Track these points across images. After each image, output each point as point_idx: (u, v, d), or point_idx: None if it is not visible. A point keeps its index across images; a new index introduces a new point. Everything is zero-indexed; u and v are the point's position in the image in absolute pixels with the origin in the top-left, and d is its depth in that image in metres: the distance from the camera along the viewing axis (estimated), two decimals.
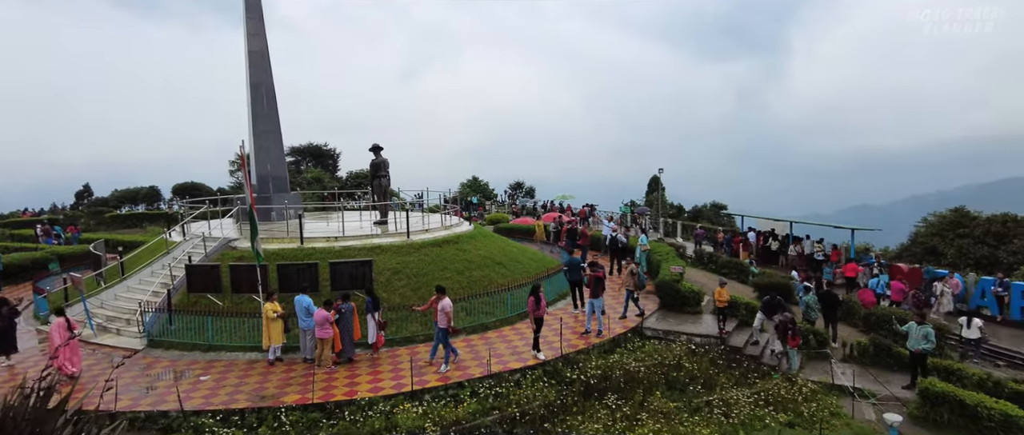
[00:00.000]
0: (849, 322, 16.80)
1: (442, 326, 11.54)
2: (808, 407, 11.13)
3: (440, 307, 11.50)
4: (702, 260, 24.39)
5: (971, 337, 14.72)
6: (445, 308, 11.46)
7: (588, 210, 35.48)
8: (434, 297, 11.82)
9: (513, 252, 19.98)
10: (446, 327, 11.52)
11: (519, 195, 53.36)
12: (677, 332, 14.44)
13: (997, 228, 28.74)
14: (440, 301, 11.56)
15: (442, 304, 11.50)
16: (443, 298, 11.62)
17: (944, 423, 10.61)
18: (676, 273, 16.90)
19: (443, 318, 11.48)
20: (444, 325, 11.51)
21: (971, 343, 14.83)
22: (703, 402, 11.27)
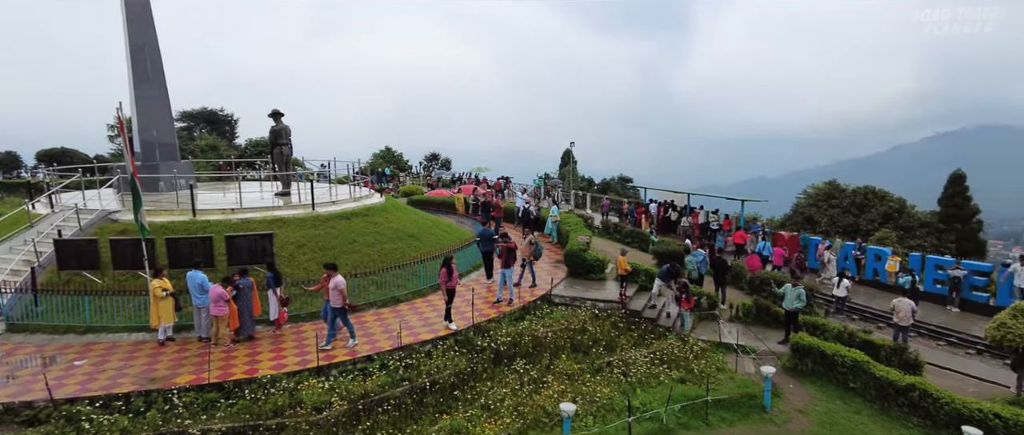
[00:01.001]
0: (737, 286, 18.41)
1: (337, 305, 10.96)
2: (698, 364, 12.17)
3: (332, 285, 10.92)
4: (608, 230, 25.52)
5: (840, 295, 16.78)
6: (338, 285, 10.90)
7: (503, 182, 35.80)
8: (325, 275, 11.18)
9: (427, 224, 19.81)
10: (341, 305, 10.98)
11: (434, 167, 52.73)
12: (583, 298, 15.11)
13: (859, 199, 32.53)
14: (332, 279, 10.96)
15: (334, 282, 10.92)
16: (335, 275, 11.01)
17: (808, 371, 12.04)
18: (583, 243, 17.59)
19: (337, 296, 10.91)
20: (338, 303, 10.94)
21: (838, 300, 16.89)
22: (605, 363, 11.97)
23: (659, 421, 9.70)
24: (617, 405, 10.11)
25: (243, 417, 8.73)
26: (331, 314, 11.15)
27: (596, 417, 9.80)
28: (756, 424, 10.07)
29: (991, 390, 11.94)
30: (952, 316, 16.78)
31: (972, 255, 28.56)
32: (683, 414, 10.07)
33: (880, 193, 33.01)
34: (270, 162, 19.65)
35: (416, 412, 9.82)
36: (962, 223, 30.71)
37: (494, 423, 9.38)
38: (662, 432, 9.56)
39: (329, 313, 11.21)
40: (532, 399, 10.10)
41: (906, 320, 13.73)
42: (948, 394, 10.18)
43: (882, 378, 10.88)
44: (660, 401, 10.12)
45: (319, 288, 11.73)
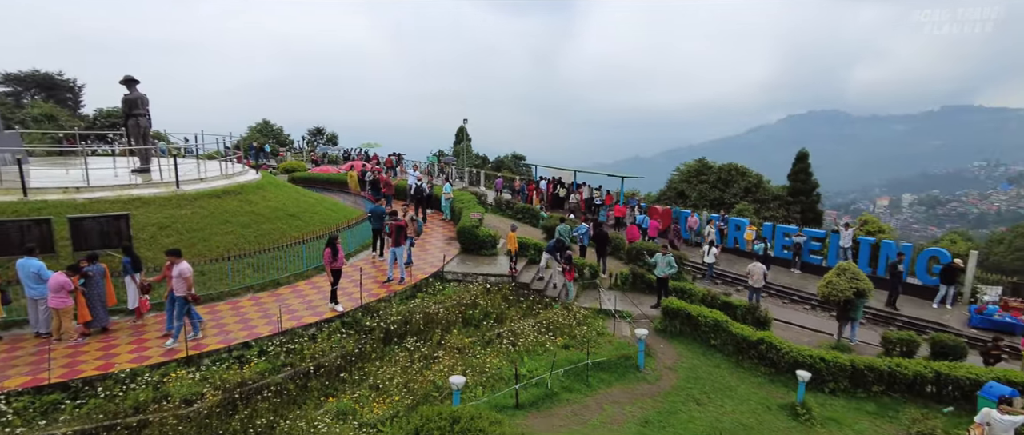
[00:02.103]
0: (616, 256, 19.67)
1: (180, 294, 9.77)
2: (581, 330, 12.90)
3: (175, 273, 9.74)
4: (501, 207, 25.97)
5: (709, 261, 18.61)
6: (183, 273, 9.75)
7: (395, 159, 34.88)
8: (167, 262, 9.95)
9: (310, 203, 18.82)
10: (185, 296, 9.82)
11: (319, 142, 49.99)
12: (475, 274, 15.32)
13: (724, 175, 35.90)
14: (175, 266, 9.78)
15: (178, 269, 9.75)
16: (179, 262, 9.82)
17: (677, 332, 13.26)
18: (475, 220, 17.76)
19: (181, 285, 9.73)
20: (182, 292, 9.76)
21: (708, 266, 18.73)
22: (495, 335, 12.29)
23: (544, 386, 10.20)
24: (506, 374, 10.45)
25: (96, 417, 7.85)
26: (178, 305, 9.89)
27: (486, 387, 10.07)
28: (631, 382, 10.95)
29: (821, 338, 13.98)
30: (795, 277, 19.29)
31: (812, 224, 32.84)
32: (567, 378, 10.67)
33: (741, 170, 36.65)
34: (125, 135, 17.40)
35: (300, 397, 9.46)
36: (806, 196, 35.11)
37: (383, 402, 9.31)
38: (547, 396, 10.06)
39: (173, 303, 9.94)
40: (422, 375, 10.14)
41: (759, 282, 15.59)
42: (788, 345, 11.74)
43: (737, 335, 12.28)
44: (545, 367, 10.62)
45: (161, 278, 10.37)
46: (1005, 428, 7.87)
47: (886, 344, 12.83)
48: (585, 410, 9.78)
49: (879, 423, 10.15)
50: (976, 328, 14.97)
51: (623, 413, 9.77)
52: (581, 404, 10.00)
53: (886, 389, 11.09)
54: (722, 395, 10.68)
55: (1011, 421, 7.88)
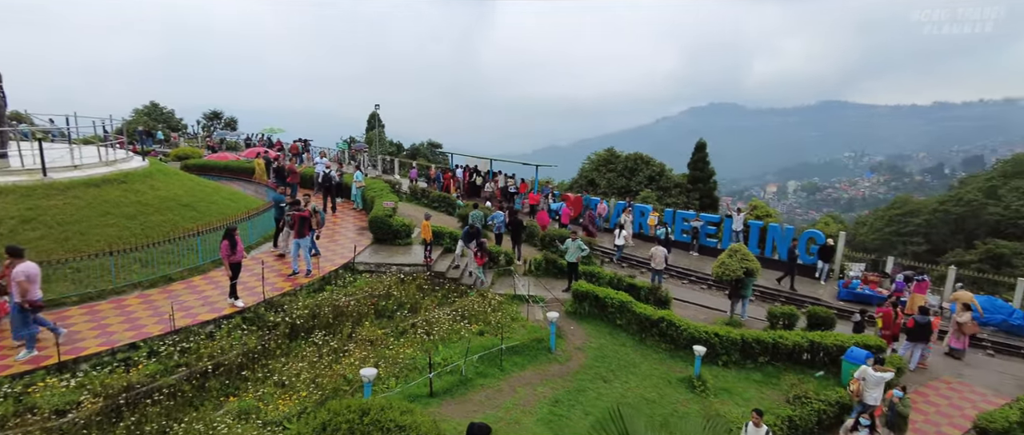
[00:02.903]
0: (531, 243, 20.08)
1: (17, 300, 8.50)
2: (495, 316, 13.07)
3: (12, 276, 8.47)
4: (416, 196, 25.57)
5: (619, 244, 19.64)
6: (19, 276, 8.42)
7: (301, 145, 33.17)
8: (7, 263, 8.69)
9: (206, 192, 17.49)
10: (23, 302, 8.50)
11: (217, 126, 46.47)
12: (388, 264, 15.02)
13: (631, 164, 37.65)
14: (13, 268, 8.49)
15: (17, 271, 8.45)
16: (18, 263, 8.54)
17: (586, 314, 13.82)
18: (388, 208, 17.38)
19: (19, 291, 8.44)
20: (18, 298, 8.48)
21: (618, 249, 19.69)
22: (409, 325, 12.16)
23: (459, 373, 10.26)
24: (420, 364, 10.39)
25: None
26: (16, 312, 8.66)
27: (399, 378, 9.96)
28: (543, 364, 11.28)
29: (715, 315, 15.12)
30: (693, 259, 20.69)
31: (709, 209, 35.32)
32: (481, 364, 10.79)
33: (646, 159, 38.62)
34: None
35: (197, 398, 8.86)
36: (704, 183, 37.68)
37: (289, 398, 8.94)
38: (462, 383, 10.13)
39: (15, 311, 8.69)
40: (332, 369, 9.84)
41: (660, 265, 16.56)
42: (686, 322, 12.60)
43: (641, 314, 13.00)
44: (460, 354, 10.67)
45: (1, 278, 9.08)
46: (877, 382, 9.49)
47: (771, 318, 14.13)
48: (499, 394, 9.97)
49: (764, 390, 11.21)
50: (843, 300, 16.89)
51: (535, 394, 10.06)
52: (495, 388, 10.17)
53: (771, 359, 12.25)
54: (627, 372, 11.30)
55: (881, 376, 9.51)
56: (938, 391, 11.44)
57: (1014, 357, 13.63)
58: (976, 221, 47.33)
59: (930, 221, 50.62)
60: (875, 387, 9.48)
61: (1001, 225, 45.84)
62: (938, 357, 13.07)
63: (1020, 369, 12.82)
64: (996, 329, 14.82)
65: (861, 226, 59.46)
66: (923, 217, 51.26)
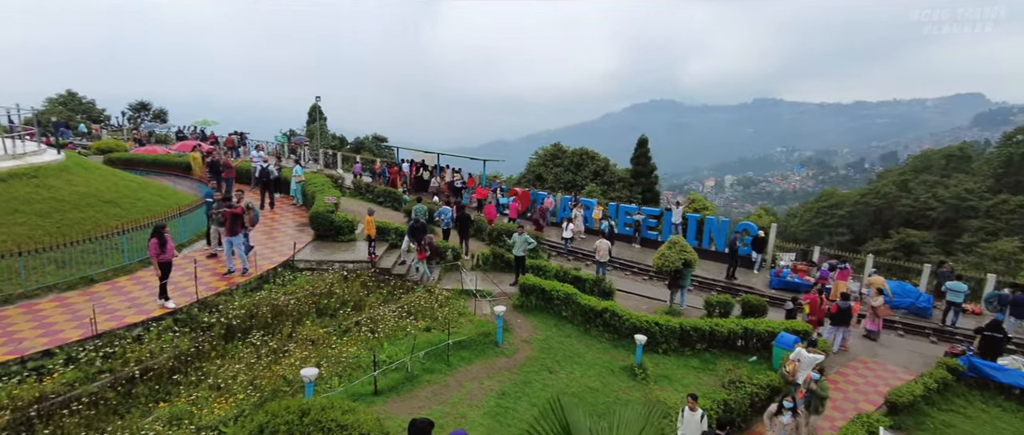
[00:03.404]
0: (479, 238, 20.08)
1: None
2: (442, 312, 12.98)
3: None
4: (361, 191, 25.01)
5: (567, 236, 20.21)
6: None
7: (236, 139, 31.71)
8: None
9: (131, 188, 16.45)
10: None
11: (144, 118, 43.70)
12: (331, 261, 14.63)
13: (577, 159, 38.28)
14: None
15: None
16: None
17: (532, 306, 13.97)
18: (330, 204, 16.92)
19: None
20: None
21: (566, 241, 20.06)
22: (353, 323, 11.91)
23: (405, 370, 10.15)
24: (364, 362, 10.21)
25: None
26: None
27: (342, 377, 9.75)
28: (490, 358, 11.33)
29: (656, 305, 15.64)
30: (635, 251, 21.30)
31: (651, 203, 36.42)
32: (428, 360, 10.72)
33: (591, 154, 39.36)
34: None
35: (122, 406, 8.35)
36: (646, 177, 38.81)
37: (225, 402, 8.57)
38: (408, 379, 10.03)
39: None
40: (271, 370, 9.51)
41: (604, 257, 16.95)
42: (628, 312, 12.97)
43: (585, 305, 13.28)
44: (406, 351, 10.56)
45: None
46: (810, 363, 10.05)
47: (708, 307, 14.76)
48: (445, 389, 9.94)
49: (701, 376, 11.70)
50: (775, 289, 17.86)
51: (482, 388, 10.10)
52: (442, 384, 10.13)
53: (707, 346, 12.80)
54: (572, 362, 11.52)
55: (813, 358, 10.13)
56: (856, 371, 12.32)
57: (920, 337, 14.84)
58: (891, 212, 51.11)
59: (852, 213, 54.24)
60: (808, 367, 10.08)
61: (912, 216, 49.71)
62: (857, 339, 14.05)
63: (926, 348, 13.97)
64: (906, 311, 16.09)
65: (792, 218, 63.02)
66: (846, 209, 54.85)
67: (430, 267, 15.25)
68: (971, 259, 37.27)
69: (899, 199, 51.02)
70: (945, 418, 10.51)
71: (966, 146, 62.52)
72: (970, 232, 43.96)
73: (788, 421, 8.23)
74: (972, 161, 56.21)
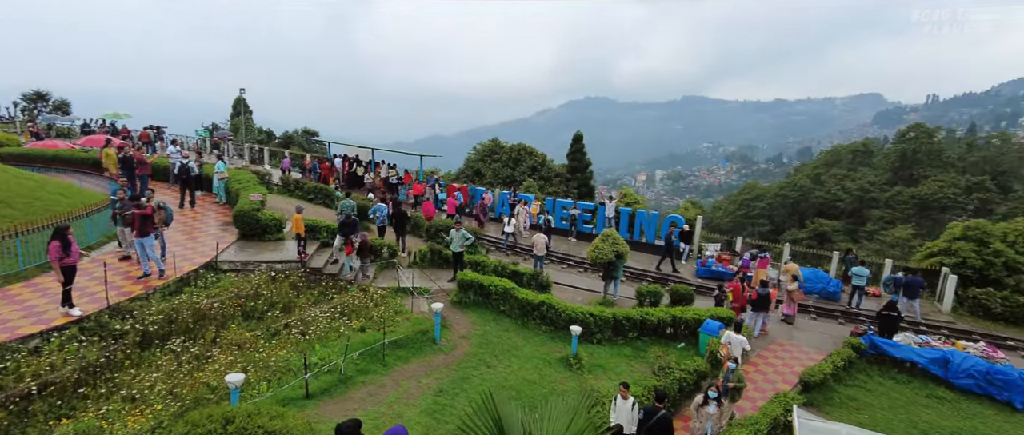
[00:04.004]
0: (416, 234, 19.82)
1: None
2: (378, 311, 12.73)
3: None
4: (290, 187, 24.03)
5: (509, 231, 20.45)
6: None
7: (152, 133, 29.57)
8: None
9: (28, 186, 15.00)
10: None
11: (42, 110, 39.90)
12: (257, 261, 13.98)
13: (515, 155, 38.52)
14: None
15: None
16: None
17: (471, 302, 13.96)
18: (256, 201, 16.14)
19: None
20: None
21: (508, 235, 20.38)
22: (282, 325, 11.44)
23: (338, 372, 9.87)
24: (294, 365, 9.84)
25: None
26: None
27: (271, 381, 9.35)
28: (428, 355, 11.23)
29: (591, 296, 16.05)
30: (571, 245, 21.74)
31: (586, 197, 37.27)
32: (362, 360, 10.48)
33: (529, 150, 39.73)
34: None
35: (15, 426, 7.61)
36: (581, 172, 39.65)
37: (140, 414, 8.01)
38: (341, 381, 9.76)
39: None
40: (192, 377, 8.98)
41: (542, 251, 17.18)
42: (564, 304, 13.22)
43: (523, 299, 13.41)
44: (339, 353, 10.27)
45: None
46: (739, 344, 11.08)
47: (639, 296, 15.29)
48: (381, 389, 9.76)
49: (634, 363, 12.13)
50: (701, 278, 18.77)
51: (419, 386, 9.99)
52: (377, 384, 9.94)
53: (639, 334, 13.28)
54: (510, 356, 11.62)
55: (741, 340, 11.12)
56: (775, 353, 13.18)
57: (830, 319, 16.08)
58: (806, 204, 54.98)
59: (772, 204, 57.86)
60: (738, 349, 11.01)
61: (824, 207, 53.71)
62: (775, 324, 15.03)
63: (835, 329, 15.16)
64: (818, 296, 17.38)
65: (717, 210, 66.38)
66: (766, 201, 58.45)
67: (365, 266, 14.90)
68: (873, 246, 40.74)
69: (813, 191, 54.92)
70: (850, 393, 11.46)
71: (868, 142, 68.23)
72: (872, 221, 48.04)
73: (714, 411, 8.69)
74: (873, 156, 61.40)
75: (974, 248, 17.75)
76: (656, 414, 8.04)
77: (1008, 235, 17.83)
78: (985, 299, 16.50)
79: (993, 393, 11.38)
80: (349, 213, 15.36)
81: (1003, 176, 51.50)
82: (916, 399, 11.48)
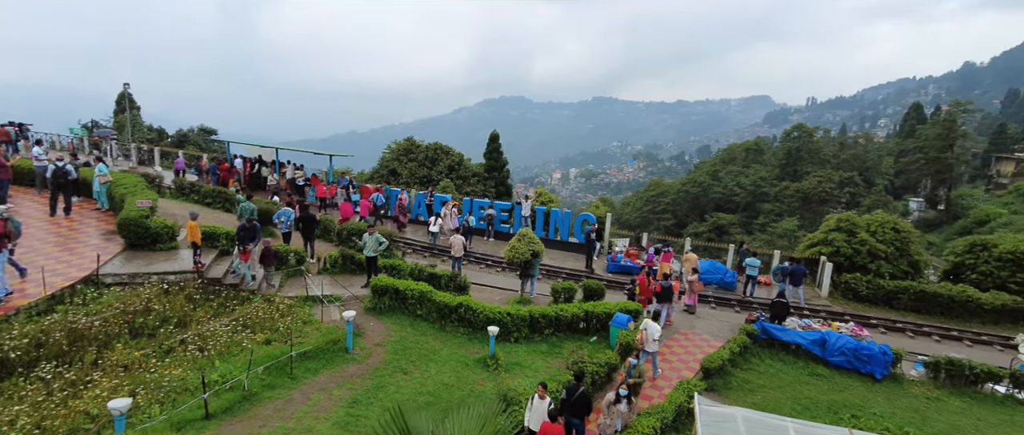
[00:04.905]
0: (327, 239, 19.03)
1: None
2: (284, 322, 12.11)
3: None
4: (184, 191, 22.21)
5: (434, 231, 20.62)
6: None
7: (14, 131, 26.14)
8: None
9: None
10: None
11: None
12: (147, 273, 12.79)
13: (431, 154, 38.10)
14: None
15: None
16: None
17: (386, 308, 13.64)
18: (144, 208, 14.76)
19: None
20: None
21: (433, 235, 20.66)
22: (177, 342, 10.56)
23: (241, 389, 9.28)
24: (192, 384, 9.12)
25: None
26: None
27: (164, 404, 8.61)
28: (340, 365, 10.83)
29: (509, 295, 16.23)
30: (489, 244, 21.87)
31: (504, 196, 37.67)
32: (268, 375, 9.92)
33: (446, 149, 39.45)
34: None
35: None
36: (498, 171, 39.98)
37: None
38: (245, 398, 9.18)
39: None
40: (67, 406, 8.05)
41: (459, 252, 17.14)
42: (482, 305, 13.26)
43: (440, 302, 13.30)
44: (243, 368, 9.65)
45: None
46: (654, 334, 11.59)
47: (554, 293, 15.67)
48: (289, 404, 9.29)
49: (549, 359, 12.41)
50: (611, 272, 19.58)
51: (331, 398, 9.62)
52: (285, 399, 9.45)
53: (554, 330, 13.61)
54: (427, 361, 11.49)
55: (656, 327, 11.71)
56: (679, 342, 14.02)
57: (728, 308, 17.37)
58: (706, 199, 58.90)
59: (675, 200, 61.42)
60: (653, 338, 11.62)
61: (722, 201, 57.85)
62: (678, 314, 15.98)
63: (732, 317, 16.39)
64: (717, 286, 18.71)
65: (626, 206, 69.46)
66: (670, 197, 61.95)
67: (270, 274, 14.13)
68: (765, 237, 44.46)
69: (712, 187, 58.94)
70: (745, 376, 12.45)
71: (759, 141, 74.41)
72: (764, 214, 52.42)
73: (624, 408, 9.11)
74: (764, 153, 67.03)
75: (845, 238, 19.88)
76: (577, 391, 8.92)
77: (871, 226, 20.13)
78: (854, 283, 18.57)
79: (859, 367, 12.83)
80: (249, 217, 14.44)
81: (867, 171, 58.21)
82: (800, 377, 12.69)
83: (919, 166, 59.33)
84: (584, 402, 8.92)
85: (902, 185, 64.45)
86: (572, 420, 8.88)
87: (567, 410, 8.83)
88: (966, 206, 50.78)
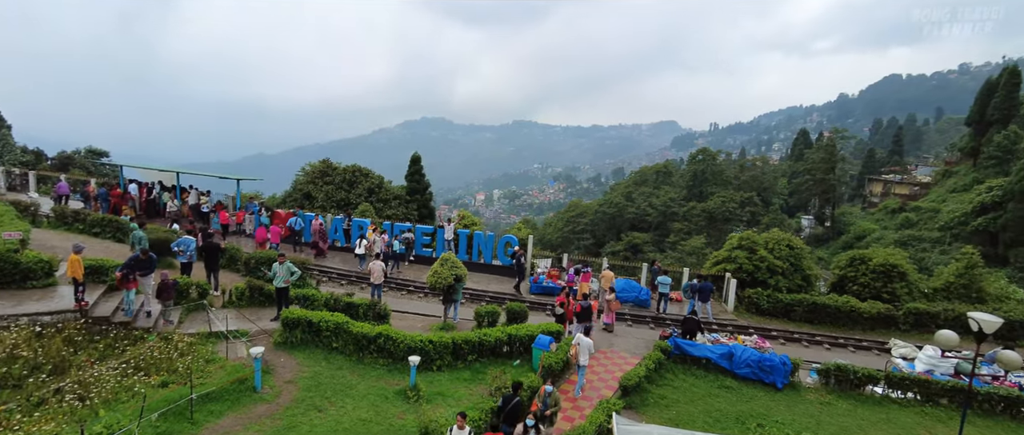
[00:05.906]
0: (233, 268, 17.80)
1: None
2: (184, 362, 11.13)
3: None
4: (66, 220, 20.01)
5: (360, 254, 20.55)
6: None
7: None
8: None
9: None
10: None
11: None
12: (15, 315, 11.31)
13: (349, 176, 36.93)
14: None
15: None
16: None
17: (298, 342, 12.89)
18: (12, 241, 13.13)
19: None
20: None
21: (360, 258, 20.54)
22: (50, 392, 9.38)
23: None
24: None
25: None
26: None
27: None
28: (247, 406, 10.07)
29: (432, 322, 15.91)
30: (411, 270, 21.41)
31: (427, 219, 37.18)
32: (164, 421, 9.03)
33: (365, 171, 38.35)
34: None
35: None
36: (421, 194, 39.41)
37: None
38: None
39: None
40: None
41: (379, 279, 16.63)
42: (403, 334, 12.89)
43: (358, 333, 12.77)
44: (133, 416, 8.72)
45: None
46: (587, 347, 12.23)
47: (478, 317, 15.54)
48: None
49: (472, 387, 12.23)
50: (534, 294, 19.78)
51: None
52: None
53: (478, 356, 13.45)
54: (343, 396, 10.95)
55: (589, 343, 12.33)
56: (599, 361, 14.33)
57: (643, 325, 18.04)
58: (622, 219, 61.42)
59: (593, 220, 63.54)
60: (585, 352, 12.12)
61: (636, 221, 60.54)
62: (597, 332, 16.37)
63: (647, 334, 17.03)
64: (633, 304, 19.41)
65: (548, 227, 70.95)
66: (588, 217, 64.03)
67: (168, 310, 12.98)
68: (676, 255, 46.93)
69: (627, 207, 61.58)
70: (661, 392, 12.92)
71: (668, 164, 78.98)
72: (674, 233, 55.39)
73: None
74: (672, 175, 71.13)
75: (746, 255, 21.38)
76: (512, 400, 9.72)
77: (768, 243, 21.82)
78: (755, 298, 19.97)
79: (763, 377, 13.73)
80: (140, 245, 13.23)
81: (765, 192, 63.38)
82: (710, 390, 13.36)
83: (808, 187, 65.46)
84: (518, 411, 9.62)
85: (795, 204, 70.76)
86: (505, 427, 9.61)
87: (503, 419, 9.58)
88: (847, 222, 56.59)
